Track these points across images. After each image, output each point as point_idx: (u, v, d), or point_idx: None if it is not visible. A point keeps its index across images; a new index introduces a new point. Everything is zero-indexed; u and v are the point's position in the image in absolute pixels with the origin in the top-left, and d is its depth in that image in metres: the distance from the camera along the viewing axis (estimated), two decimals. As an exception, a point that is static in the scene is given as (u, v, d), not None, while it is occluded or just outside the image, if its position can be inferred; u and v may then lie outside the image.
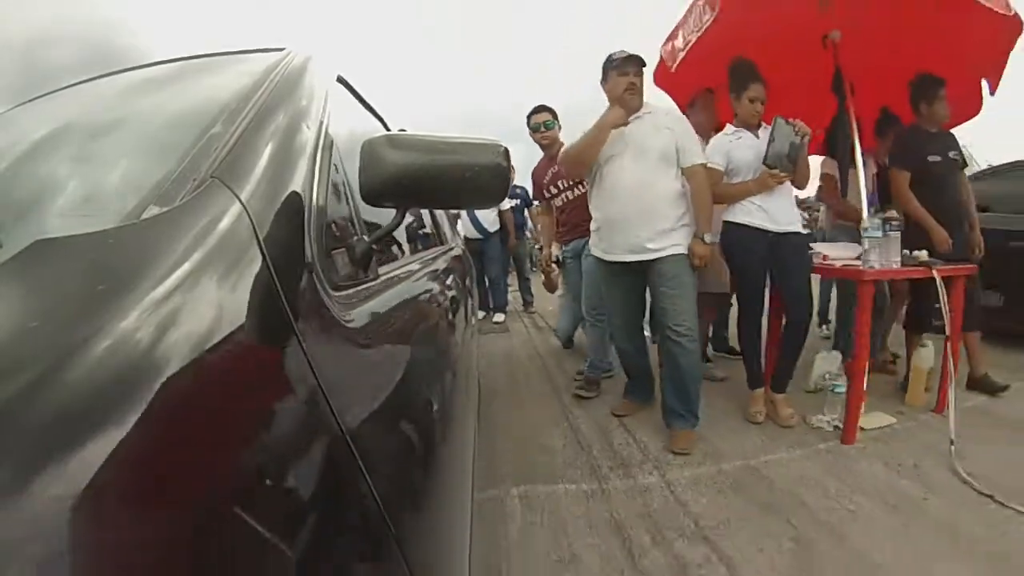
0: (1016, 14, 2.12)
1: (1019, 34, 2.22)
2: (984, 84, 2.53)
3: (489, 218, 4.61)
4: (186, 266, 0.34)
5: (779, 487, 1.71)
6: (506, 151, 0.60)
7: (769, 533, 1.46)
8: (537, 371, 3.06)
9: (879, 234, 2.10)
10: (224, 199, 0.42)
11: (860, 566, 1.33)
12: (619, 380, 2.55)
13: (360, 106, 1.14)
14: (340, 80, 0.95)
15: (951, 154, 2.40)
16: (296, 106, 0.64)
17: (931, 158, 2.37)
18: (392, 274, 0.76)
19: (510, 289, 5.19)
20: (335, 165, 0.66)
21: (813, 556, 1.36)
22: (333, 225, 0.60)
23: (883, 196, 2.70)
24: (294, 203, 0.50)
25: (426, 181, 0.56)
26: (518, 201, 4.84)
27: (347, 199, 0.71)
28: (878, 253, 2.08)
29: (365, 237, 0.66)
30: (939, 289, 2.08)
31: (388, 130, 1.26)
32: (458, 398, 0.92)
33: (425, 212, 1.60)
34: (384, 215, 0.66)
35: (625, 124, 1.95)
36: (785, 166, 2.02)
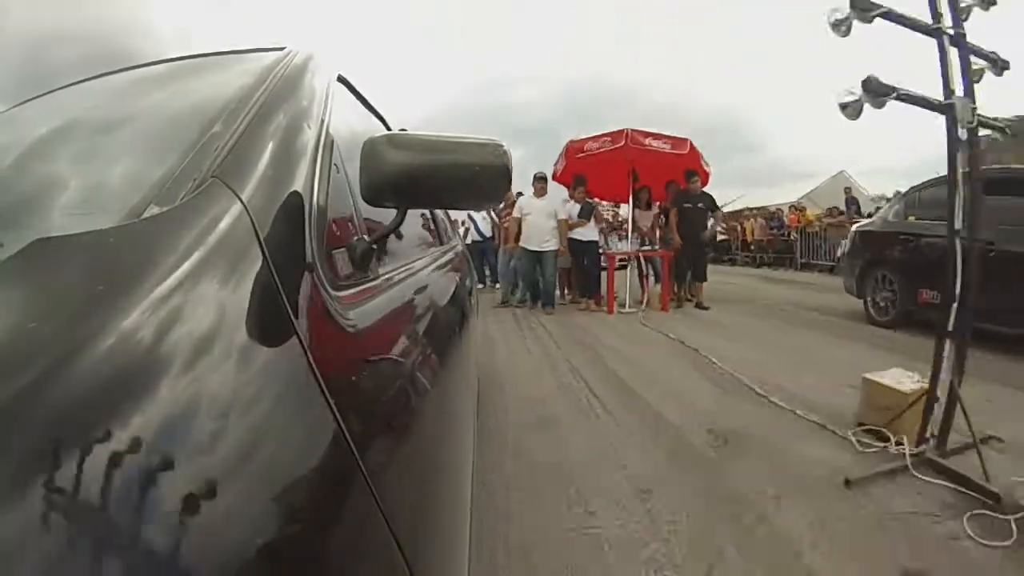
0: (690, 147, 5.83)
1: (696, 153, 5.93)
2: (708, 172, 6.22)
3: (486, 225, 7.14)
4: (186, 266, 0.34)
5: (575, 323, 5.06)
6: (507, 151, 0.59)
7: (561, 328, 4.81)
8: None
9: (616, 240, 6.47)
10: (225, 199, 0.42)
11: (585, 334, 4.52)
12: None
13: (361, 105, 1.13)
14: (341, 79, 0.93)
15: (699, 204, 5.65)
16: (297, 106, 0.64)
17: (686, 205, 5.66)
18: (392, 274, 0.75)
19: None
20: (336, 165, 0.66)
21: (571, 331, 4.68)
22: (334, 225, 0.59)
23: (664, 222, 6.17)
24: (295, 203, 0.49)
25: (426, 181, 0.55)
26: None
27: (348, 199, 0.70)
28: (615, 247, 6.21)
29: (366, 237, 0.65)
30: (639, 262, 6.35)
31: (389, 129, 1.25)
32: (458, 398, 0.92)
33: (425, 211, 1.60)
34: (385, 215, 0.65)
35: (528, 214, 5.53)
36: (587, 217, 5.56)
